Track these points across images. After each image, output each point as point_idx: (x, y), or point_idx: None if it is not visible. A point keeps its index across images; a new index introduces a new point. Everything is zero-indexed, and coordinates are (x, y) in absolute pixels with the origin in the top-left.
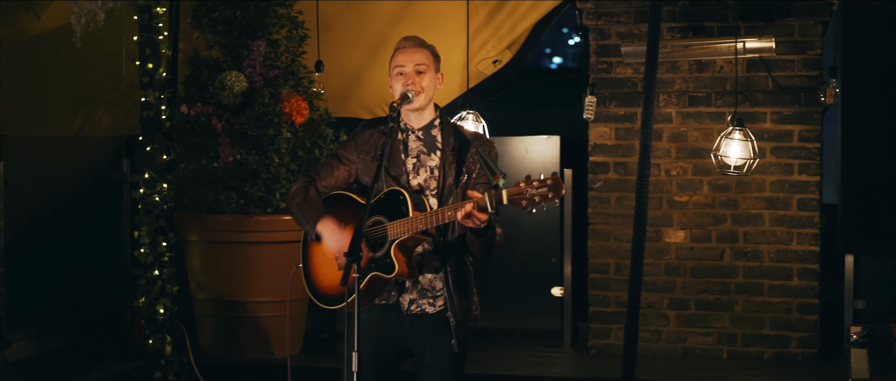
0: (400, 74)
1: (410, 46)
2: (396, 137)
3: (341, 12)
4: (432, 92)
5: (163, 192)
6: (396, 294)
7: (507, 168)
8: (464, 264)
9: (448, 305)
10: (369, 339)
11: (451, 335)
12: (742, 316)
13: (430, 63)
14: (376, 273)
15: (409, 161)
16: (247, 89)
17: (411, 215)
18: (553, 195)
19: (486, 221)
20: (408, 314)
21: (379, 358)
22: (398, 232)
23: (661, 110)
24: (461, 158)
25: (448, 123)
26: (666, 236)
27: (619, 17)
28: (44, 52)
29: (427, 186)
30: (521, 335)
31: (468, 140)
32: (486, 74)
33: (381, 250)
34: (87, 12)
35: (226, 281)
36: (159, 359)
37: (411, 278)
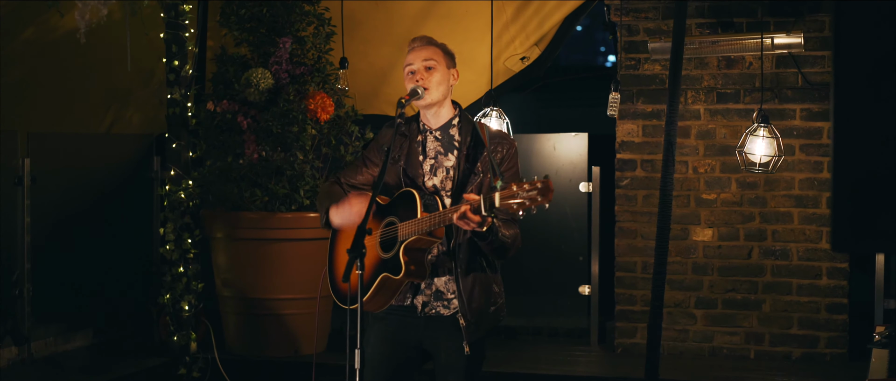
0: (410, 73)
1: (419, 45)
2: (415, 138)
3: (369, 10)
4: (446, 88)
5: (188, 189)
6: (411, 296)
7: (534, 165)
8: (478, 266)
9: (459, 307)
10: (385, 339)
11: (463, 337)
12: (770, 315)
13: (440, 59)
14: (386, 274)
15: (427, 163)
16: (273, 86)
17: (419, 217)
18: (542, 200)
19: (480, 223)
20: (422, 316)
21: (394, 357)
22: (406, 233)
23: (689, 107)
24: (474, 158)
25: (467, 121)
26: (693, 235)
27: (647, 13)
28: (72, 50)
29: (443, 187)
30: (548, 334)
31: (482, 140)
32: (515, 71)
33: (391, 252)
34: (91, 9)
35: (250, 278)
36: (184, 355)
37: (423, 280)
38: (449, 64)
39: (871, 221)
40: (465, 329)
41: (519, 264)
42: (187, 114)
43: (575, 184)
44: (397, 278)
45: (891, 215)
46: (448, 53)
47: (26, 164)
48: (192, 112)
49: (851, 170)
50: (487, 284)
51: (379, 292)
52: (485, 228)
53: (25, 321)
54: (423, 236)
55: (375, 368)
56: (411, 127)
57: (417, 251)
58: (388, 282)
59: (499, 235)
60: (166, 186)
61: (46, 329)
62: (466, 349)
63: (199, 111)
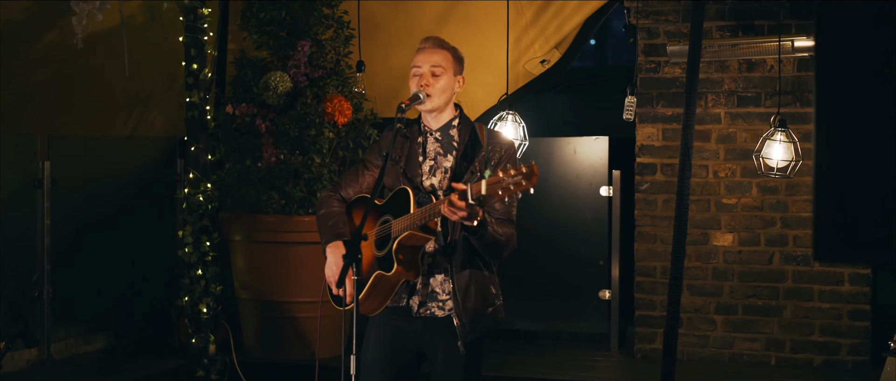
0: (416, 75)
1: (430, 47)
2: (416, 139)
3: (389, 12)
4: (449, 94)
5: (207, 192)
6: (407, 297)
7: (554, 169)
8: (474, 266)
9: (454, 307)
10: (384, 345)
11: (459, 337)
12: (791, 322)
13: (449, 65)
14: (379, 272)
15: (426, 164)
16: (291, 89)
17: (411, 212)
18: (527, 184)
19: (469, 214)
20: (418, 317)
21: (394, 362)
22: (399, 229)
23: (709, 111)
24: (471, 158)
25: (466, 122)
26: (714, 240)
27: (667, 16)
28: (94, 54)
29: (441, 187)
30: (568, 338)
31: (479, 140)
32: (535, 74)
33: (384, 249)
34: (88, 14)
35: (268, 281)
36: (202, 358)
37: (417, 278)
38: (456, 70)
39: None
40: (459, 329)
41: (539, 268)
42: (206, 117)
43: (595, 188)
44: (390, 274)
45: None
46: (458, 59)
47: (46, 166)
48: (211, 115)
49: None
50: (484, 284)
51: (373, 292)
52: (476, 222)
53: (44, 323)
54: (416, 231)
55: (375, 373)
56: (412, 129)
57: (411, 248)
58: (382, 280)
59: (490, 230)
60: (185, 188)
61: (67, 331)
62: (462, 350)
63: (219, 114)
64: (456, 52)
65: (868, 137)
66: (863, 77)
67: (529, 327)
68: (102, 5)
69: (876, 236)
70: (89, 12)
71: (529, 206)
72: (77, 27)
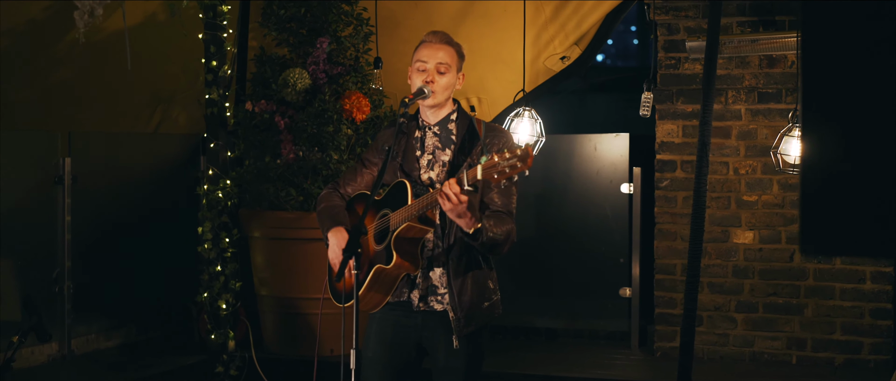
0: (421, 70)
1: (436, 42)
2: (413, 134)
3: (408, 10)
4: (451, 91)
5: (226, 188)
6: (407, 291)
7: (575, 166)
8: (472, 260)
9: (449, 301)
10: (385, 341)
11: (454, 331)
12: (812, 320)
13: (453, 63)
14: (379, 266)
15: (425, 158)
16: (310, 86)
17: (409, 203)
18: (521, 165)
19: (461, 196)
20: (418, 312)
21: (396, 357)
22: (397, 221)
23: (729, 107)
24: (469, 150)
25: (464, 115)
26: (734, 237)
27: (686, 12)
28: (118, 51)
29: (439, 180)
30: (589, 336)
31: (476, 133)
32: (555, 71)
33: (383, 242)
34: (89, 9)
35: (286, 277)
36: (222, 353)
37: (416, 270)
38: (459, 67)
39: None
40: (454, 323)
41: (559, 266)
42: (225, 114)
43: (616, 185)
44: (389, 267)
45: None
46: (461, 56)
47: (67, 163)
48: (230, 112)
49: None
50: (481, 279)
51: (373, 286)
52: (472, 229)
53: (65, 319)
54: (415, 223)
55: (377, 370)
56: (410, 124)
57: (410, 241)
58: (381, 274)
59: (489, 235)
60: (204, 185)
61: (88, 327)
62: (455, 343)
63: (239, 111)
64: (460, 49)
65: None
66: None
67: (550, 325)
68: (102, 1)
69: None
70: (91, 7)
71: (550, 203)
72: (79, 22)
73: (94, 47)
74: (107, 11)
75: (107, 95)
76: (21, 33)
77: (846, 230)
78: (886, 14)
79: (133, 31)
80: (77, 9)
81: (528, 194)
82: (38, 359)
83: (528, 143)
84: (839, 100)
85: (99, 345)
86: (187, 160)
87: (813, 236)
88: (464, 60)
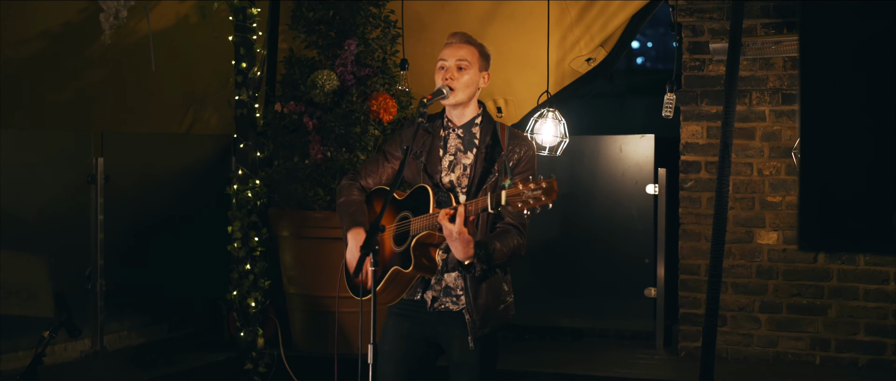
0: (441, 68)
1: (456, 42)
2: (438, 134)
3: (435, 11)
4: (473, 89)
5: (255, 188)
6: (421, 291)
7: (600, 167)
8: None
9: (466, 304)
10: (401, 333)
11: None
12: (836, 321)
13: (474, 61)
14: (397, 268)
15: (446, 158)
16: (338, 88)
17: (431, 212)
18: (546, 199)
19: (453, 230)
20: (433, 311)
21: (410, 353)
22: (417, 228)
23: (754, 109)
24: (491, 157)
25: (489, 121)
26: (758, 238)
27: (711, 14)
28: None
29: (459, 184)
30: (614, 336)
31: (500, 141)
32: (581, 73)
33: (403, 245)
34: (114, 11)
35: (315, 276)
36: (251, 351)
37: (433, 274)
38: (482, 66)
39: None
40: (469, 325)
41: (585, 266)
42: (255, 115)
43: (641, 186)
44: (408, 271)
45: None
46: (484, 55)
47: (100, 163)
48: (260, 113)
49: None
50: (496, 282)
51: (390, 286)
52: (466, 261)
53: (97, 316)
54: (435, 231)
55: (393, 364)
56: (435, 124)
57: (428, 246)
58: (398, 275)
59: (478, 268)
60: (234, 185)
61: (120, 324)
62: (471, 344)
63: (268, 112)
64: (482, 49)
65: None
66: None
67: (575, 324)
68: (127, 3)
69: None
70: (116, 9)
71: (576, 204)
72: (105, 24)
73: (127, 49)
74: (140, 14)
75: (139, 96)
76: (56, 35)
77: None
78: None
79: (165, 33)
80: (103, 11)
81: None
82: (71, 355)
83: (553, 177)
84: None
85: (131, 342)
86: (219, 161)
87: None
88: (488, 60)
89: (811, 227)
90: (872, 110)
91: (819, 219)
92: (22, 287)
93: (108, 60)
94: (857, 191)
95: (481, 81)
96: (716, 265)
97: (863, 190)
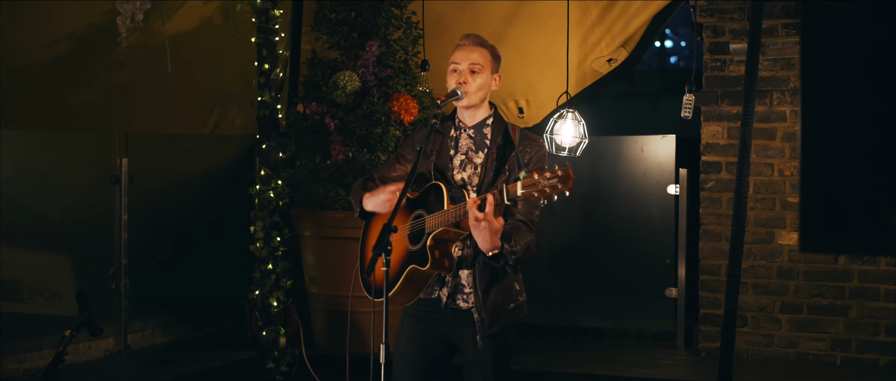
0: (454, 70)
1: (469, 44)
2: (449, 133)
3: (457, 13)
4: (485, 92)
5: (278, 189)
6: (438, 289)
7: (621, 168)
8: None
9: (474, 302)
10: (416, 334)
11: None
12: (857, 322)
13: (487, 63)
14: (413, 266)
15: (458, 158)
16: (360, 89)
17: (445, 208)
18: (562, 187)
19: (483, 219)
20: (447, 309)
21: (426, 352)
22: (433, 225)
23: (774, 109)
24: (503, 157)
25: (500, 121)
26: (779, 238)
27: (732, 14)
28: (175, 54)
29: (470, 182)
30: (635, 336)
31: (511, 140)
32: (602, 73)
33: (418, 244)
34: (130, 13)
35: (336, 276)
36: (273, 350)
37: (449, 271)
38: (494, 68)
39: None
40: (478, 324)
41: (606, 266)
42: (277, 116)
43: (662, 186)
44: (424, 269)
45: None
46: (496, 57)
47: (124, 163)
48: (282, 114)
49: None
50: (507, 282)
51: (407, 285)
52: (491, 252)
53: (121, 315)
54: (450, 227)
55: (408, 365)
56: (446, 124)
57: (444, 243)
58: (415, 274)
59: (506, 260)
60: (256, 185)
61: (144, 323)
62: (480, 343)
63: (291, 113)
64: (494, 51)
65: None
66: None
67: (596, 324)
68: (143, 5)
69: (861, 227)
70: (133, 12)
71: (597, 204)
72: (121, 27)
73: (151, 51)
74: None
75: (164, 98)
76: (82, 37)
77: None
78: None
79: (189, 34)
80: (119, 14)
81: (576, 194)
82: (95, 354)
83: (568, 165)
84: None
85: (154, 341)
86: (243, 161)
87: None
88: (500, 62)
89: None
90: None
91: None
92: (46, 286)
93: (132, 62)
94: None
95: (493, 84)
96: (734, 266)
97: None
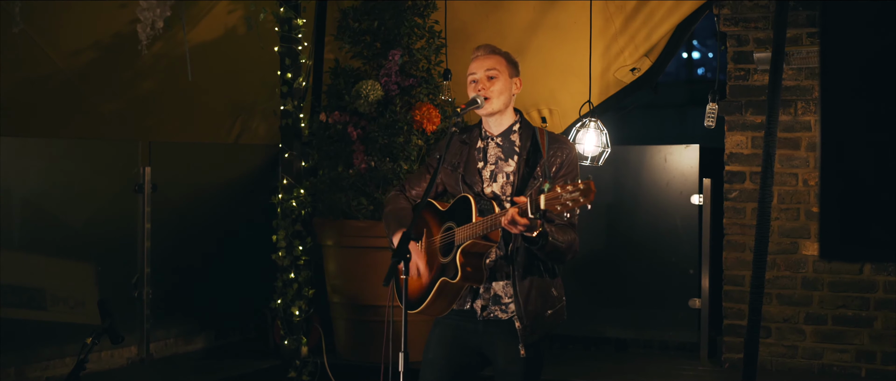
0: (472, 81)
1: (482, 54)
2: (476, 145)
3: (480, 22)
4: (507, 97)
5: (300, 197)
6: (471, 301)
7: (645, 177)
8: (535, 270)
9: (516, 310)
10: (445, 344)
11: (520, 340)
12: (882, 333)
13: (503, 68)
14: (444, 279)
15: (487, 169)
16: (382, 98)
17: (473, 221)
18: (584, 200)
19: (528, 226)
20: (481, 320)
21: (454, 361)
22: (462, 238)
23: (799, 119)
24: (533, 163)
25: (527, 127)
26: (803, 249)
27: (756, 23)
28: (198, 64)
29: (503, 193)
30: (659, 347)
31: (539, 146)
32: (625, 83)
33: (448, 256)
34: (151, 21)
35: (358, 285)
36: (295, 359)
37: (480, 283)
38: (512, 73)
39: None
40: (520, 332)
41: (629, 276)
42: (300, 125)
43: (686, 196)
44: (454, 282)
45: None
46: (512, 62)
47: (147, 172)
48: (305, 123)
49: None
50: (545, 288)
51: (438, 297)
52: (535, 233)
53: (144, 324)
54: (479, 240)
55: (435, 372)
56: (472, 134)
57: (474, 255)
58: (446, 287)
59: (550, 240)
60: (279, 194)
61: (167, 331)
62: (523, 352)
63: (313, 122)
64: (509, 57)
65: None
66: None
67: (619, 335)
68: (163, 12)
69: (881, 234)
70: (153, 20)
71: (620, 214)
72: (142, 35)
73: (175, 60)
74: (187, 24)
75: (188, 106)
76: (107, 46)
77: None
78: None
79: (213, 44)
80: (140, 22)
81: (600, 204)
82: (118, 362)
83: (590, 178)
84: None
85: (177, 350)
86: (266, 170)
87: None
88: (517, 67)
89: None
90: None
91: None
92: (69, 294)
93: (156, 71)
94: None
95: (514, 87)
96: (758, 277)
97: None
